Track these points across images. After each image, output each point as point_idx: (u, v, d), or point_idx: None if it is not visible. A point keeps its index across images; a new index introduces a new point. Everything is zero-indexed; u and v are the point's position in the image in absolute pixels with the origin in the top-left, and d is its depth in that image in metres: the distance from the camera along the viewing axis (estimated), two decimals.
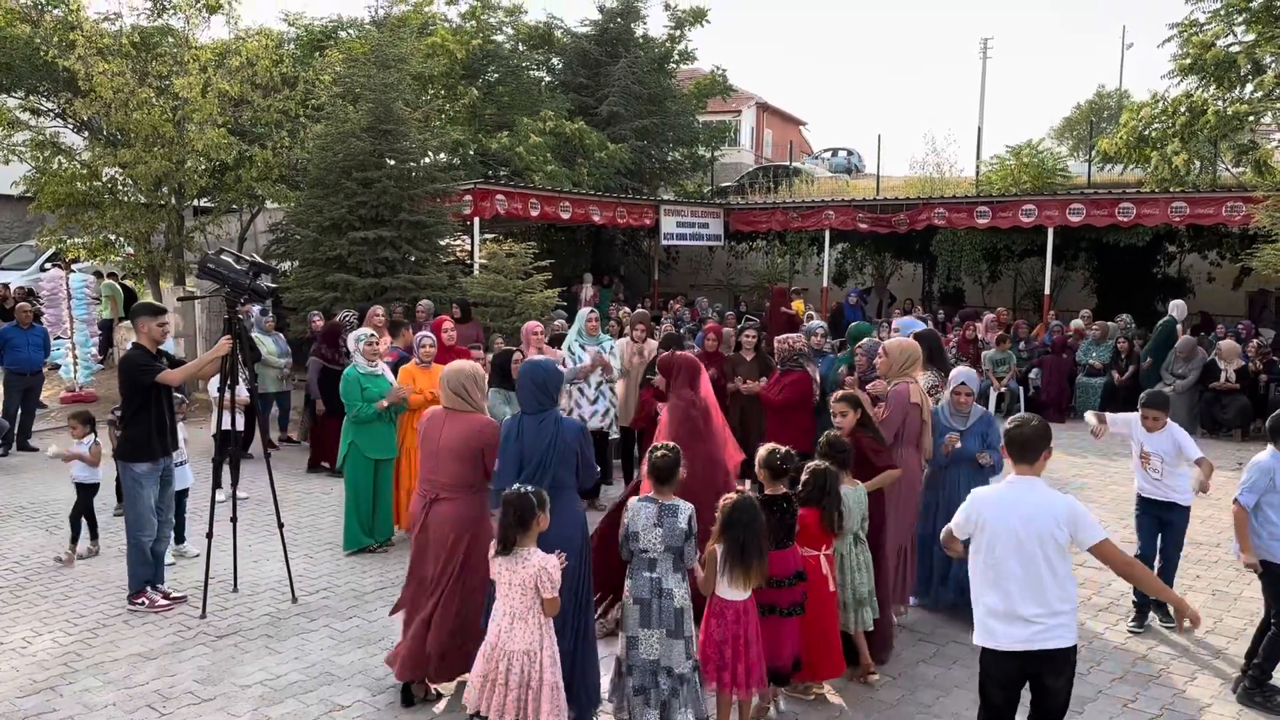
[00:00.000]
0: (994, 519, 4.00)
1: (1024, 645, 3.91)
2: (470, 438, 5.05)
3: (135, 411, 6.36)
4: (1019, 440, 4.05)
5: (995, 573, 3.98)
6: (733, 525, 4.51)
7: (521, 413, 4.90)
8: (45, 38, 14.20)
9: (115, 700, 5.25)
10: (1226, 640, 6.23)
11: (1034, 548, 3.90)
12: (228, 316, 6.56)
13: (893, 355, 6.34)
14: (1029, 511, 3.93)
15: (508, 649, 4.37)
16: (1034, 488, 4.00)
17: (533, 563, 4.34)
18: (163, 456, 6.50)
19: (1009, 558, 3.95)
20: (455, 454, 5.05)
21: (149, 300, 7.39)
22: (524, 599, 4.35)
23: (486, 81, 21.46)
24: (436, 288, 13.74)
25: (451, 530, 5.04)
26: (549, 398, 4.88)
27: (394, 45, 15.68)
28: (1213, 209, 16.25)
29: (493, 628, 4.45)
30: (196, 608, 6.46)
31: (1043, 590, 3.89)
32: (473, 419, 5.12)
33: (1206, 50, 17.00)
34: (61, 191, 14.23)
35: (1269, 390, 12.64)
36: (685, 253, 24.99)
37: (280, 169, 15.08)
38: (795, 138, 40.35)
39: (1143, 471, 6.49)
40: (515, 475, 4.70)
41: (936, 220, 18.97)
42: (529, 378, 4.89)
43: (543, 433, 4.76)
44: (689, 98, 25.32)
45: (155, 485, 6.50)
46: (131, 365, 6.34)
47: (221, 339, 6.56)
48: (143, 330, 6.39)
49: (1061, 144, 41.18)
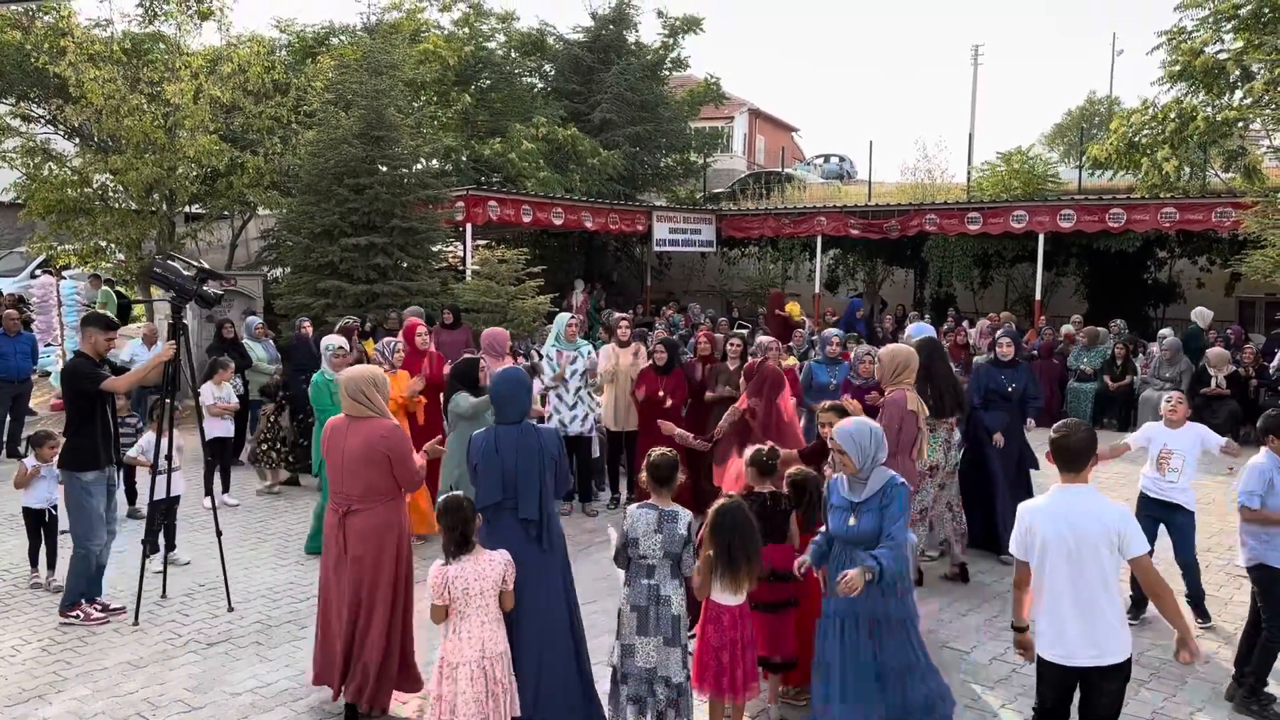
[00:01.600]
0: (1045, 529, 3.93)
1: (1084, 661, 3.88)
2: (375, 443, 4.90)
3: (81, 420, 6.31)
4: (1066, 449, 3.96)
5: (1048, 583, 3.93)
6: (720, 529, 4.51)
7: (496, 425, 4.79)
8: (36, 44, 14.18)
9: (104, 709, 5.22)
10: (1217, 645, 6.24)
11: (1088, 557, 3.83)
12: (172, 321, 6.55)
13: (885, 362, 6.31)
14: (1080, 520, 3.86)
15: (496, 654, 4.37)
16: (1084, 495, 3.93)
17: (498, 561, 4.39)
18: (108, 465, 6.46)
19: (1060, 568, 3.89)
20: (362, 461, 4.90)
21: (105, 312, 7.32)
22: (495, 601, 4.40)
23: (479, 88, 21.48)
24: (428, 294, 13.74)
25: (375, 544, 4.91)
26: (521, 408, 4.77)
27: (386, 52, 15.69)
28: (1202, 215, 16.33)
29: (470, 642, 4.33)
30: (168, 616, 6.44)
31: (1094, 601, 3.84)
32: (375, 424, 4.96)
33: (1195, 57, 17.08)
34: (52, 198, 14.20)
35: (1259, 395, 12.69)
36: (678, 259, 25.01)
37: (272, 175, 15.07)
38: (787, 144, 40.47)
39: (1155, 473, 6.50)
40: (501, 489, 4.61)
41: (928, 226, 19.03)
42: (507, 390, 4.76)
43: (525, 443, 4.66)
44: (681, 104, 25.37)
45: (103, 494, 6.45)
46: (75, 373, 6.32)
47: (165, 344, 6.56)
48: (89, 339, 6.38)
49: (1052, 150, 41.33)
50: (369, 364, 6.19)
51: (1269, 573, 5.31)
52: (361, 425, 4.97)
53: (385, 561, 4.94)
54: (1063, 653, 3.90)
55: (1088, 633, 3.84)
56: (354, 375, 5.07)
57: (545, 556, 4.65)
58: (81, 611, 6.42)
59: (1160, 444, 6.50)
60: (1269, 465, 5.35)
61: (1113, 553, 3.83)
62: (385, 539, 4.95)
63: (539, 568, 4.62)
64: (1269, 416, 5.47)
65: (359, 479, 4.91)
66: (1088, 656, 3.86)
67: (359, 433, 4.95)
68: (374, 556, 4.92)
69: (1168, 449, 6.45)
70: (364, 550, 4.91)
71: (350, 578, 4.93)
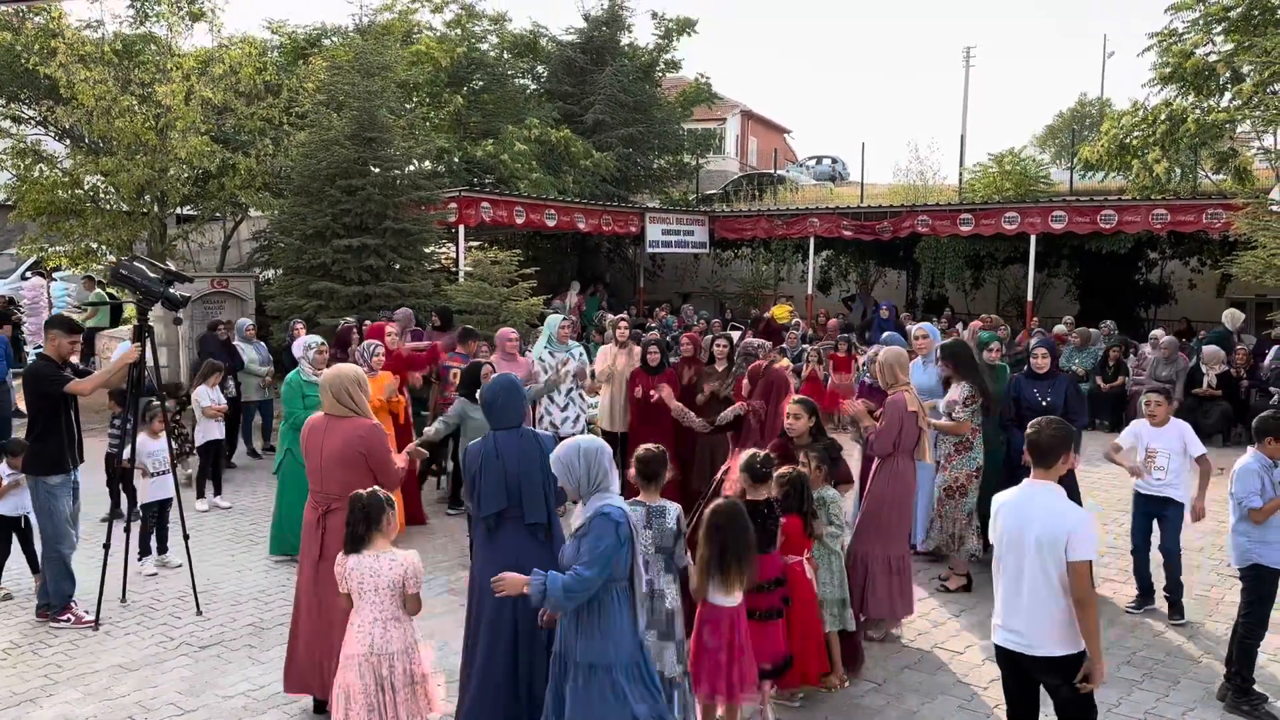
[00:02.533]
0: (1004, 520, 4.10)
1: (1014, 646, 4.03)
2: (353, 442, 4.90)
3: (45, 424, 6.25)
4: (1035, 444, 4.08)
5: (1002, 571, 4.10)
6: (715, 529, 4.51)
7: (493, 431, 4.71)
8: (27, 45, 14.12)
9: (96, 713, 5.20)
10: (1208, 646, 6.26)
11: (1031, 552, 3.93)
12: (137, 324, 6.52)
13: (882, 365, 6.38)
14: (1032, 515, 3.97)
15: (387, 652, 4.29)
16: (1045, 493, 4.02)
17: (399, 562, 4.31)
18: (73, 469, 6.40)
19: (1007, 558, 4.05)
20: (340, 461, 4.90)
21: (70, 316, 7.27)
22: (394, 601, 4.32)
23: (471, 89, 21.45)
24: (421, 295, 13.71)
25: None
26: (519, 413, 4.73)
27: (378, 53, 15.66)
28: (1193, 216, 16.39)
29: (360, 637, 4.30)
30: (160, 620, 6.42)
31: (1035, 595, 3.92)
32: (353, 423, 4.97)
33: (1186, 59, 17.17)
34: (43, 199, 14.14)
35: (1250, 396, 12.74)
36: (671, 260, 25.02)
37: (264, 177, 15.02)
38: (780, 145, 40.52)
39: (1145, 471, 6.58)
40: (505, 496, 4.54)
41: (920, 227, 19.07)
42: (503, 395, 4.70)
43: (526, 449, 4.61)
44: (674, 106, 25.37)
45: (69, 497, 6.41)
46: (38, 376, 6.28)
47: (129, 346, 6.53)
48: (53, 342, 6.34)
49: (1044, 152, 41.49)
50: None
51: (1260, 571, 5.34)
52: (341, 425, 4.96)
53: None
54: (1001, 638, 4.10)
55: (1023, 621, 3.99)
56: (338, 374, 5.06)
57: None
58: (73, 614, 6.39)
59: (1145, 443, 6.60)
60: (1257, 466, 5.40)
61: (1058, 553, 3.88)
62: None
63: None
64: (1265, 418, 5.50)
65: (337, 478, 4.89)
66: (1017, 643, 4.01)
67: (338, 432, 4.94)
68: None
69: (1152, 448, 6.55)
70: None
71: (331, 577, 4.89)
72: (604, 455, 4.04)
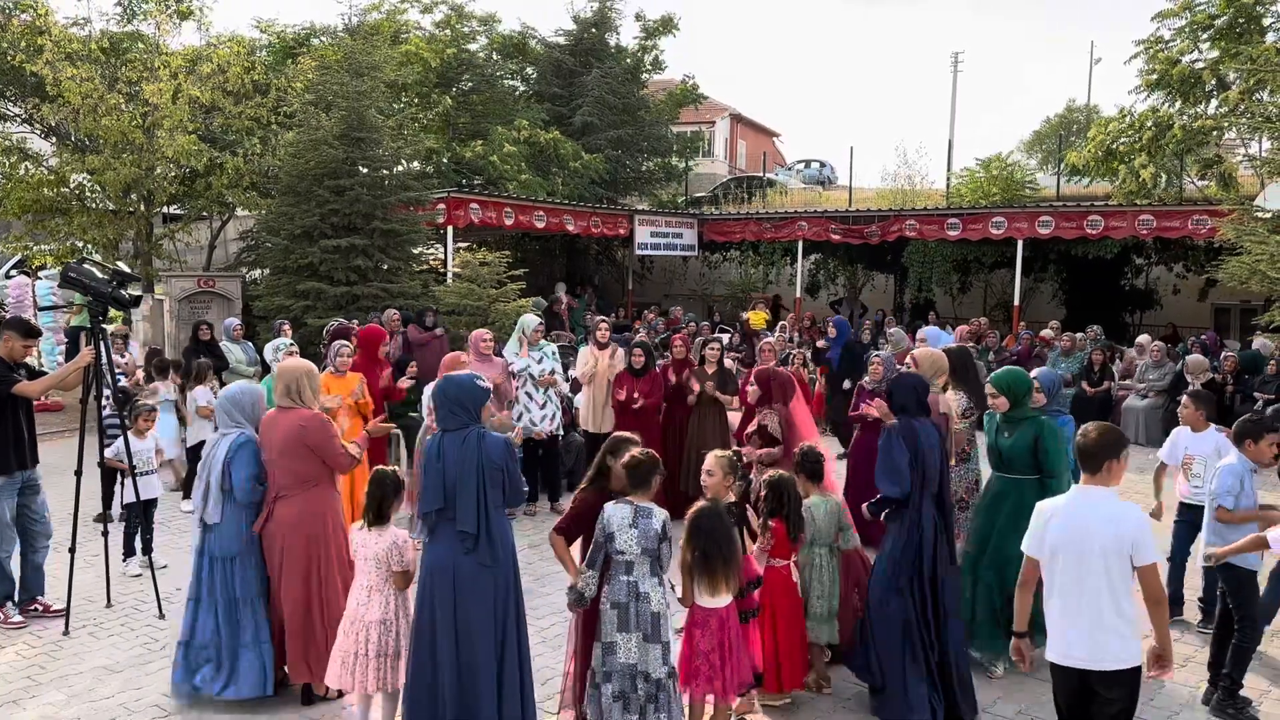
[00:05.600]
0: (1058, 529, 3.92)
1: (1078, 664, 3.88)
2: (295, 433, 5.08)
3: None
4: (1082, 449, 3.94)
5: (1057, 583, 3.93)
6: (696, 533, 4.51)
7: (441, 431, 4.60)
8: (13, 42, 14.03)
9: (80, 715, 5.16)
10: (1194, 648, 6.28)
11: (1095, 561, 3.81)
12: (89, 327, 6.47)
13: (923, 366, 6.39)
14: (1094, 524, 3.84)
15: (366, 620, 4.69)
16: (1102, 499, 3.89)
17: (385, 538, 4.72)
18: (19, 470, 6.30)
19: (1065, 568, 3.89)
20: (285, 450, 5.10)
21: (29, 319, 7.20)
22: (379, 572, 4.73)
23: (460, 90, 21.43)
24: (409, 296, 13.69)
25: (302, 533, 5.10)
26: (468, 414, 4.58)
27: (367, 53, 15.63)
28: (1179, 222, 16.48)
29: (351, 601, 4.78)
30: (144, 621, 6.38)
31: (1096, 606, 3.82)
32: (297, 414, 5.15)
33: (1172, 66, 17.31)
34: (28, 197, 14.06)
35: (1234, 402, 12.82)
36: (659, 263, 25.04)
37: (251, 176, 14.98)
38: (769, 149, 40.62)
39: (1183, 479, 6.55)
40: (442, 498, 4.47)
41: (908, 232, 19.13)
42: (445, 394, 4.60)
43: (466, 453, 4.48)
44: (662, 107, 25.40)
45: (13, 498, 6.33)
46: None
47: (84, 349, 6.49)
48: (6, 343, 6.27)
49: (1031, 157, 41.68)
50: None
51: (1236, 573, 5.37)
52: (286, 416, 5.16)
53: (319, 550, 5.13)
54: (1061, 653, 3.93)
55: (1086, 636, 3.85)
56: (290, 368, 5.31)
57: (481, 571, 4.46)
58: (3, 613, 6.36)
59: (1182, 449, 6.54)
60: (1240, 467, 5.48)
61: (1123, 559, 3.80)
62: (314, 528, 5.13)
63: (471, 582, 4.45)
64: (1244, 422, 5.62)
65: (284, 467, 5.11)
66: (1082, 659, 3.87)
67: (280, 424, 5.15)
68: (306, 545, 5.10)
69: (1189, 454, 6.48)
70: (294, 542, 5.10)
71: (286, 563, 5.12)
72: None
